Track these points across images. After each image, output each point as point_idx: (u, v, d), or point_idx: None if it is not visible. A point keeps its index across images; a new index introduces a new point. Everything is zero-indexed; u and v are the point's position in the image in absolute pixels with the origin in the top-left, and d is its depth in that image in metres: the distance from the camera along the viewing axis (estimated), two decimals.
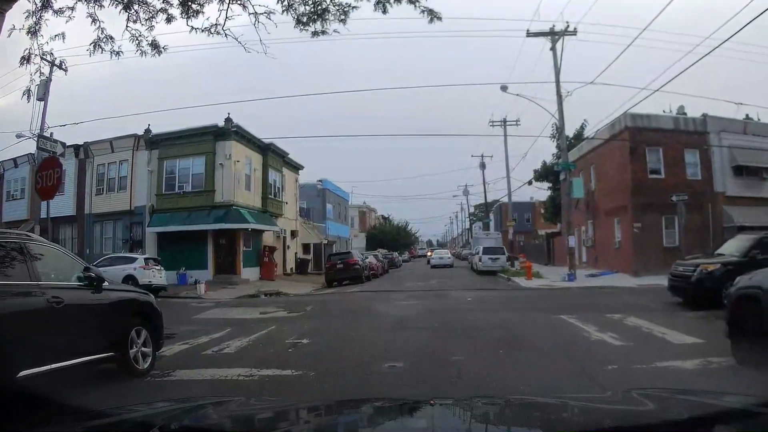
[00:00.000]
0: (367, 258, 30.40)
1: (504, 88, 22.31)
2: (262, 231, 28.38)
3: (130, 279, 22.02)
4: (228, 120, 26.06)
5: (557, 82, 22.45)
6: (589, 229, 29.38)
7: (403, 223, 78.09)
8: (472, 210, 78.05)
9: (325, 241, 40.73)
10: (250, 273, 26.72)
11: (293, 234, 34.74)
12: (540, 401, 2.41)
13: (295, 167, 36.24)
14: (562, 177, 23.03)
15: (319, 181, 46.46)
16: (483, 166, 48.56)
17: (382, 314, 12.12)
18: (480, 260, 29.90)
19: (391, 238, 66.00)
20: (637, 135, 24.06)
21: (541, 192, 46.72)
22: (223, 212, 25.34)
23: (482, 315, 11.27)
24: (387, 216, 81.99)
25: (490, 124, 37.90)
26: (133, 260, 22.21)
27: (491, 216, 60.19)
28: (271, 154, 30.05)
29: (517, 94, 21.83)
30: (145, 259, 22.33)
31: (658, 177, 24.03)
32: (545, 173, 38.93)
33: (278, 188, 31.29)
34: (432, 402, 2.24)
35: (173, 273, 24.82)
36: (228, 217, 25.16)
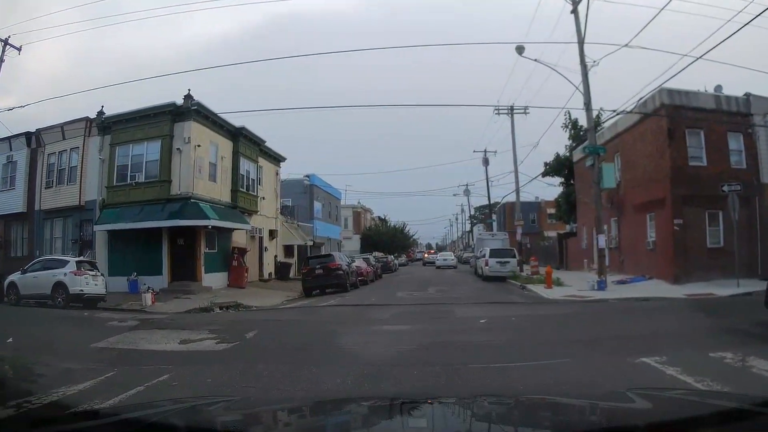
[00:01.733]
0: (353, 261, 26.06)
1: (520, 49, 18.17)
2: (231, 230, 24.10)
3: (59, 287, 18.16)
4: (188, 97, 21.83)
5: (580, 43, 18.43)
6: (612, 228, 25.25)
7: (401, 225, 73.82)
8: (472, 212, 74.42)
9: (311, 243, 36.47)
10: (214, 279, 22.48)
11: (272, 234, 30.38)
12: (541, 401, 2.38)
13: (276, 158, 31.86)
14: (589, 163, 18.96)
15: (306, 176, 42.01)
16: (486, 162, 44.58)
17: (348, 354, 7.84)
18: (487, 264, 25.67)
19: (387, 240, 61.85)
20: (675, 114, 20.18)
21: (548, 191, 43.21)
22: (179, 206, 21.02)
23: (511, 360, 6.96)
24: (383, 217, 77.76)
25: (496, 111, 33.98)
26: (65, 264, 18.33)
27: (494, 217, 56.62)
28: (243, 140, 25.72)
29: (536, 60, 17.79)
30: (78, 262, 18.33)
31: (700, 165, 20.36)
32: (558, 167, 34.77)
33: (252, 181, 26.96)
34: (431, 401, 2.15)
35: (123, 279, 20.90)
36: (184, 211, 20.80)
